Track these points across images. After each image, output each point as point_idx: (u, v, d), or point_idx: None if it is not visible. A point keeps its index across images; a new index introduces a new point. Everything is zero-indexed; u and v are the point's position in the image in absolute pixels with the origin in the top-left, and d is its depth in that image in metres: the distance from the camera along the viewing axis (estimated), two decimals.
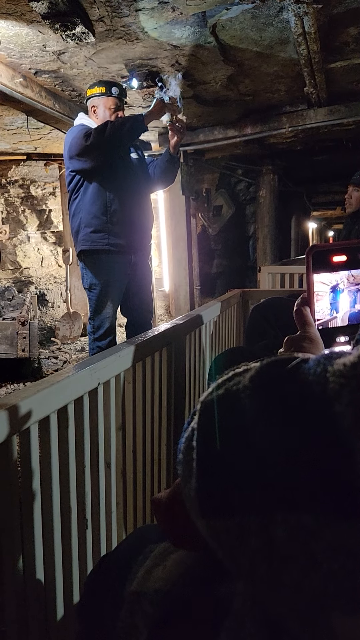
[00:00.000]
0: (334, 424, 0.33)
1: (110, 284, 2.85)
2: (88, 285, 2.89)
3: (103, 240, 2.79)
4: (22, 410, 0.86)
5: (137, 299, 3.01)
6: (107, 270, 2.84)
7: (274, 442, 0.36)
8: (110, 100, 2.84)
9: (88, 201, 2.80)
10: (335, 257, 0.66)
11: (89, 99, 2.92)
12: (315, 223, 13.12)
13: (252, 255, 6.81)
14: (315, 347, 0.64)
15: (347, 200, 3.61)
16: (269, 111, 4.51)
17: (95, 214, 2.78)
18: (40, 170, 6.25)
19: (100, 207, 2.78)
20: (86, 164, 2.74)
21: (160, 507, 0.55)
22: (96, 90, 2.87)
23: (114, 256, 2.83)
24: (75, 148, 2.73)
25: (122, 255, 2.85)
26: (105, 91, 2.84)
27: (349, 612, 0.33)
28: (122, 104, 2.90)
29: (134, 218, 2.86)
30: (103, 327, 2.87)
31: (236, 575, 0.43)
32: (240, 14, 2.69)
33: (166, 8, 2.54)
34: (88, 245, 2.81)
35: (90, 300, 2.90)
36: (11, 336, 3.77)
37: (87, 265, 2.88)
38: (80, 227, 2.84)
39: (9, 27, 2.68)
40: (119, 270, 2.86)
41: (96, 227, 2.79)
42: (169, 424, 1.60)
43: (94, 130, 2.67)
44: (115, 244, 2.80)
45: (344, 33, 3.00)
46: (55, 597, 0.99)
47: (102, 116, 2.85)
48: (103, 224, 2.78)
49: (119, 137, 2.68)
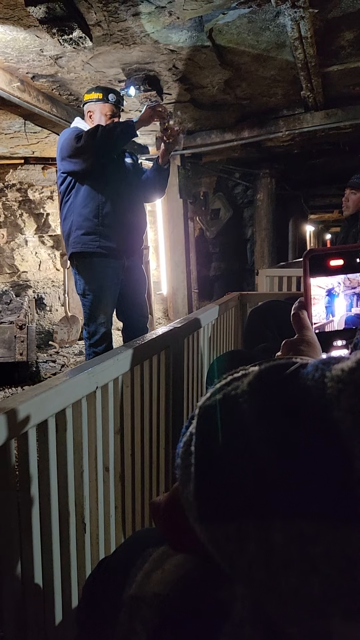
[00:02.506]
0: (333, 430, 0.33)
1: (104, 289, 2.83)
2: (82, 292, 2.86)
3: (94, 243, 2.77)
4: (20, 414, 0.86)
5: (132, 303, 3.00)
6: (99, 276, 2.82)
7: (272, 447, 0.36)
8: (107, 106, 2.85)
9: (80, 203, 2.78)
10: (332, 261, 0.67)
11: (85, 104, 2.92)
12: (313, 226, 13.15)
13: (250, 258, 6.82)
14: (313, 350, 0.64)
15: (345, 203, 3.62)
16: (266, 115, 4.53)
17: (87, 217, 2.77)
18: (38, 174, 6.26)
19: (92, 210, 2.76)
20: (77, 165, 2.73)
21: (158, 511, 0.55)
22: (93, 95, 2.87)
23: (105, 260, 2.81)
24: (66, 150, 2.73)
25: (114, 260, 2.84)
26: (102, 97, 2.85)
27: (348, 616, 0.33)
28: (118, 111, 2.90)
29: (126, 221, 2.84)
30: (98, 332, 2.85)
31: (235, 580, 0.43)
32: (237, 19, 2.70)
33: (163, 13, 2.55)
34: (79, 248, 2.79)
35: (85, 307, 2.87)
36: (9, 340, 3.76)
37: (79, 271, 2.86)
38: (71, 229, 2.82)
39: (6, 31, 2.69)
40: (112, 274, 2.85)
41: (87, 229, 2.77)
42: (167, 428, 1.60)
43: (85, 133, 2.67)
44: (107, 247, 2.78)
45: (340, 37, 3.02)
46: (53, 601, 0.99)
47: (97, 122, 2.85)
48: (94, 226, 2.76)
49: (109, 141, 2.68)
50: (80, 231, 2.78)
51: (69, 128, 2.87)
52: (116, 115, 2.89)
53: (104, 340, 2.87)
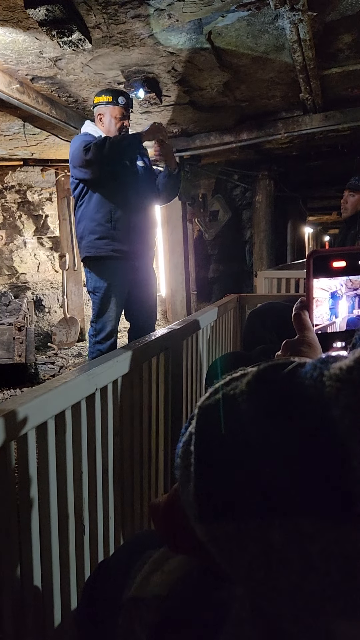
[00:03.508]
0: (331, 428, 0.34)
1: (113, 287, 2.92)
2: (92, 289, 2.96)
3: (107, 247, 2.87)
4: (19, 416, 0.86)
5: (140, 304, 3.07)
6: (110, 274, 2.92)
7: (271, 446, 0.36)
8: (117, 109, 2.91)
9: (92, 208, 2.88)
10: (335, 263, 0.66)
11: (95, 106, 2.98)
12: (312, 228, 13.17)
13: (249, 260, 6.82)
14: (313, 351, 0.64)
15: (343, 205, 3.62)
16: (264, 117, 4.54)
17: (100, 222, 2.86)
18: (37, 176, 6.26)
19: (104, 215, 2.86)
20: (86, 175, 2.84)
21: (158, 513, 0.55)
22: (103, 98, 2.93)
23: (117, 262, 2.91)
24: (76, 159, 2.82)
25: (126, 261, 2.93)
26: (112, 100, 2.91)
27: (348, 615, 0.33)
28: (128, 114, 2.97)
29: (137, 224, 2.93)
30: (105, 330, 2.93)
31: (235, 580, 0.43)
32: (236, 21, 2.71)
33: (162, 15, 2.56)
34: (93, 252, 2.90)
35: (94, 303, 2.96)
36: (8, 342, 3.76)
37: (91, 269, 2.96)
38: (84, 233, 2.92)
39: (5, 33, 2.69)
40: (122, 274, 2.94)
41: (101, 234, 2.87)
42: (166, 429, 1.60)
43: (93, 145, 2.75)
44: (119, 250, 2.89)
45: (339, 40, 3.03)
46: (53, 603, 0.99)
47: (107, 124, 2.93)
48: (107, 230, 2.86)
49: (116, 154, 2.78)
50: (94, 236, 2.88)
51: (80, 135, 2.95)
52: (126, 118, 2.95)
53: (109, 338, 2.95)
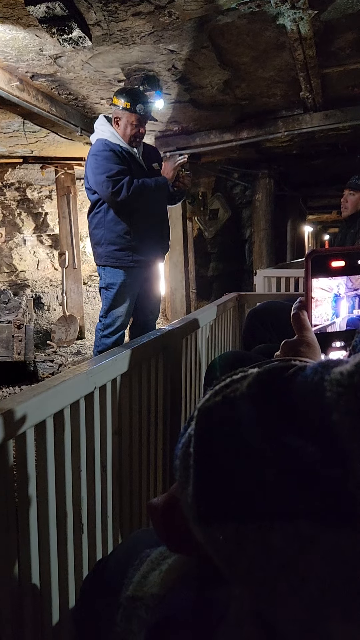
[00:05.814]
0: (332, 433, 0.33)
1: (128, 284, 2.98)
2: (105, 285, 3.00)
3: (127, 258, 2.94)
4: (17, 414, 0.86)
5: (147, 301, 3.15)
6: (127, 274, 2.97)
7: (271, 449, 0.36)
8: (134, 116, 2.90)
9: (112, 219, 2.91)
10: (334, 263, 0.66)
11: (113, 106, 2.96)
12: (311, 227, 13.16)
13: (248, 259, 6.82)
14: (312, 352, 0.63)
15: (343, 204, 3.62)
16: (265, 115, 4.53)
17: (119, 234, 2.91)
18: (37, 174, 6.25)
19: (124, 227, 2.91)
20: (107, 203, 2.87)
21: (156, 512, 0.55)
22: (122, 102, 2.90)
23: (135, 268, 3.00)
24: (100, 191, 2.84)
25: (144, 267, 3.03)
26: (130, 107, 2.89)
27: (346, 618, 0.33)
28: (145, 121, 2.97)
29: (155, 233, 3.02)
30: (114, 324, 2.98)
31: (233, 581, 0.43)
32: (237, 19, 2.70)
33: (163, 13, 2.55)
34: (113, 262, 2.95)
35: (106, 299, 3.00)
36: (7, 339, 3.76)
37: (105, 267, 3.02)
38: (102, 242, 2.95)
39: (5, 31, 2.69)
40: (137, 274, 3.01)
41: (121, 246, 2.92)
42: (165, 428, 1.59)
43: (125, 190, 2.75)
44: (139, 260, 2.97)
45: (340, 38, 3.02)
46: (50, 602, 0.99)
47: (123, 129, 2.93)
48: (127, 242, 2.92)
49: (142, 199, 2.84)
50: (114, 247, 2.93)
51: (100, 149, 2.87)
52: (142, 125, 2.95)
53: (117, 332, 3.00)
